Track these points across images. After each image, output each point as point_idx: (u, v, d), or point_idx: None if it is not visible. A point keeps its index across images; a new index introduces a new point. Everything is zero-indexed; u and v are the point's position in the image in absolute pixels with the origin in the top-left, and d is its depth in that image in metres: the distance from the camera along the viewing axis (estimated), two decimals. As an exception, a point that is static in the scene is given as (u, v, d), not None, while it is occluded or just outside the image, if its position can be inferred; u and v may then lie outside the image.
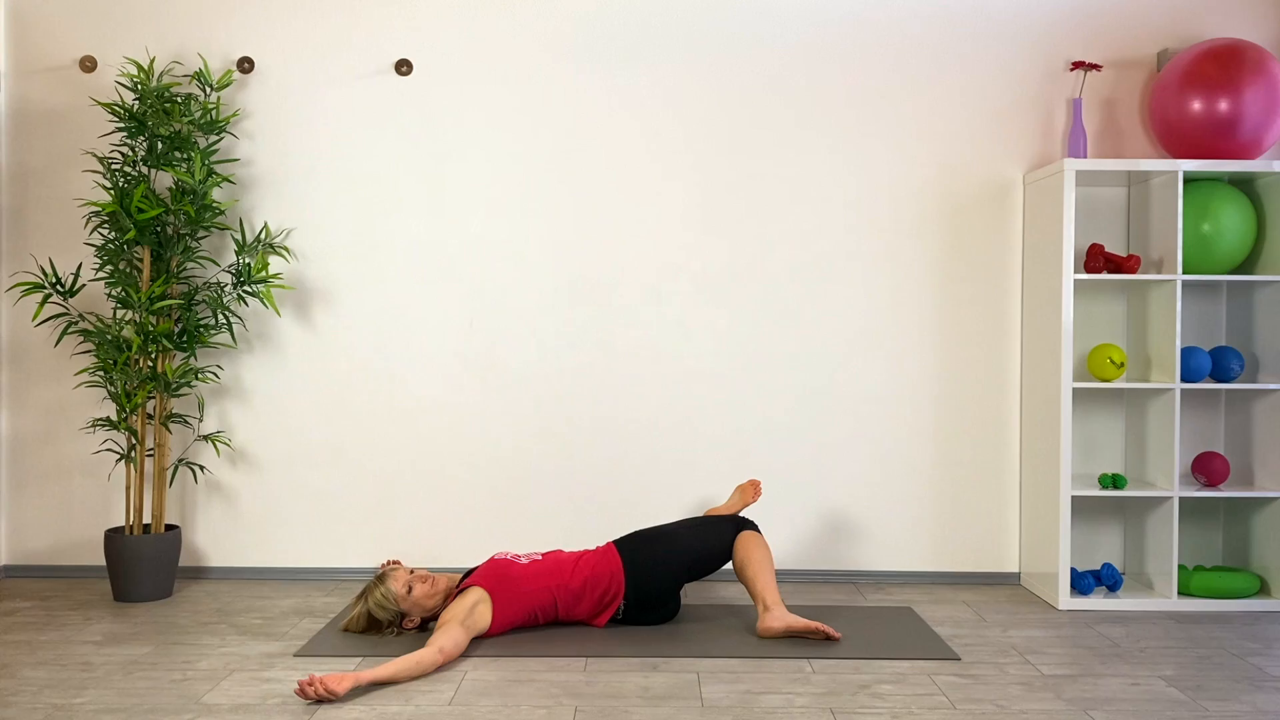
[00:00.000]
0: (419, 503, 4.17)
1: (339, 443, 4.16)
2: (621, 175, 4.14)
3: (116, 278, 3.81)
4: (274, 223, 4.15)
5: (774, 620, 3.35)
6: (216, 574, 4.18)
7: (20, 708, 2.77)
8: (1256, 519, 3.96)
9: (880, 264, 4.14)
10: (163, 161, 3.85)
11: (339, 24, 4.14)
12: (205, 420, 4.16)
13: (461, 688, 2.93)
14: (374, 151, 4.15)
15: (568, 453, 4.16)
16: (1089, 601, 3.80)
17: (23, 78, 4.15)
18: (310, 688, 2.79)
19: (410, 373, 4.16)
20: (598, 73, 4.14)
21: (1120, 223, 4.14)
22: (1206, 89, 3.81)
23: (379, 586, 3.38)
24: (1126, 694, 2.93)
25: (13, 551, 4.18)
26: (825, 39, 4.13)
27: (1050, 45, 4.13)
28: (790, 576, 4.16)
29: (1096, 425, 4.14)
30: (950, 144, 4.14)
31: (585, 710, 2.79)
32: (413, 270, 4.15)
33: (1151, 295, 3.96)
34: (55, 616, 3.63)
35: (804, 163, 4.14)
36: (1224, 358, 3.85)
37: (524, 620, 3.41)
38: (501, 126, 4.14)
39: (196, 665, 3.13)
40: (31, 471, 4.17)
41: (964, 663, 3.19)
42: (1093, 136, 4.15)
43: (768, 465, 4.16)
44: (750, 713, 2.77)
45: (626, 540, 3.55)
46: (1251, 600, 3.81)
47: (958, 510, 4.16)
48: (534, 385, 4.16)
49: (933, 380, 4.15)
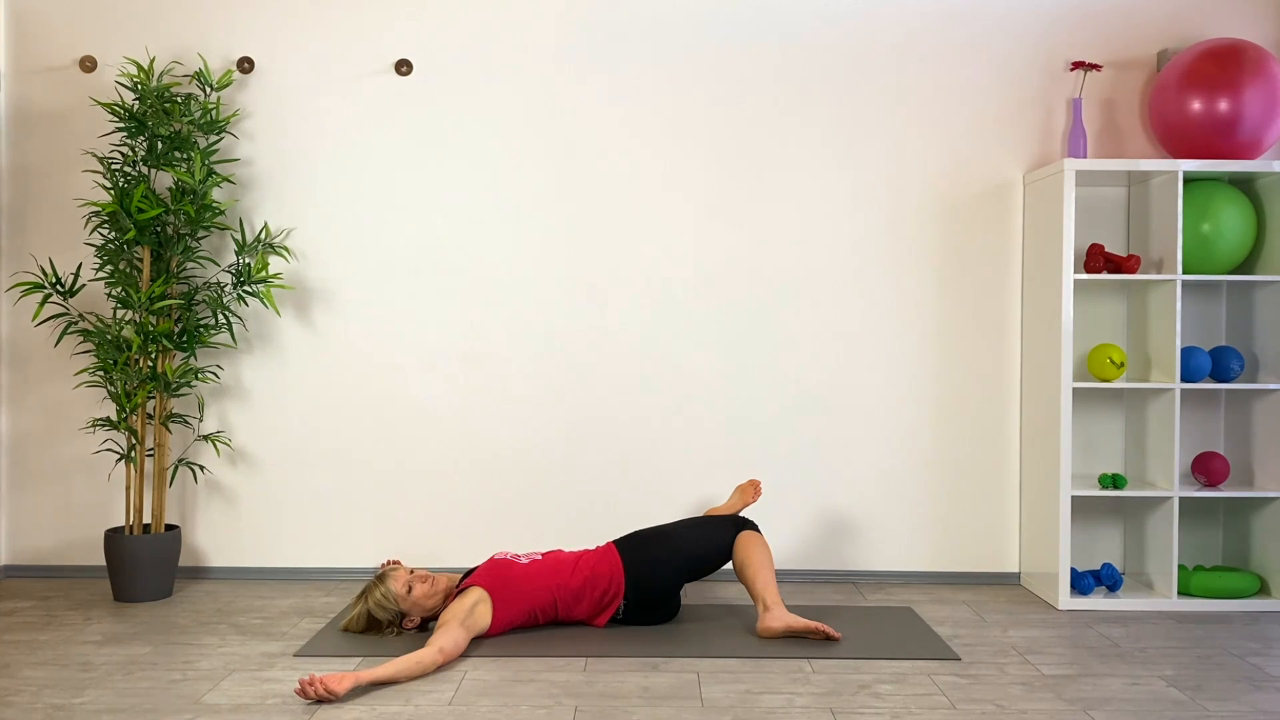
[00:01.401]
0: (419, 503, 4.17)
1: (339, 443, 4.16)
2: (622, 175, 4.14)
3: (116, 278, 3.81)
4: (274, 223, 4.15)
5: (774, 620, 3.35)
6: (216, 574, 4.18)
7: (20, 708, 2.77)
8: (1256, 519, 3.96)
9: (880, 263, 4.14)
10: (163, 161, 3.85)
11: (339, 24, 4.14)
12: (205, 420, 4.16)
13: (461, 688, 2.93)
14: (374, 151, 4.15)
15: (568, 453, 4.16)
16: (1089, 601, 3.80)
17: (23, 78, 4.15)
18: (310, 687, 2.79)
19: (410, 373, 4.16)
20: (598, 73, 4.14)
21: (1120, 223, 4.14)
22: (1206, 89, 3.81)
23: (379, 586, 3.38)
24: (1126, 694, 2.93)
25: (13, 551, 4.18)
26: (825, 39, 4.13)
27: (1050, 45, 4.13)
28: (790, 576, 4.16)
29: (1096, 425, 4.14)
30: (950, 144, 4.14)
31: (585, 710, 2.79)
32: (413, 270, 4.15)
33: (1151, 295, 3.96)
34: (55, 616, 3.63)
35: (804, 163, 4.14)
36: (1224, 358, 3.85)
37: (524, 620, 3.42)
38: (502, 126, 4.14)
39: (196, 665, 3.13)
40: (31, 471, 4.17)
41: (964, 663, 3.19)
42: (1093, 136, 4.15)
43: (768, 465, 4.16)
44: (750, 713, 2.77)
45: (626, 540, 3.55)
46: (1251, 600, 3.81)
47: (958, 510, 4.16)
48: (534, 385, 4.16)
49: (933, 380, 4.15)
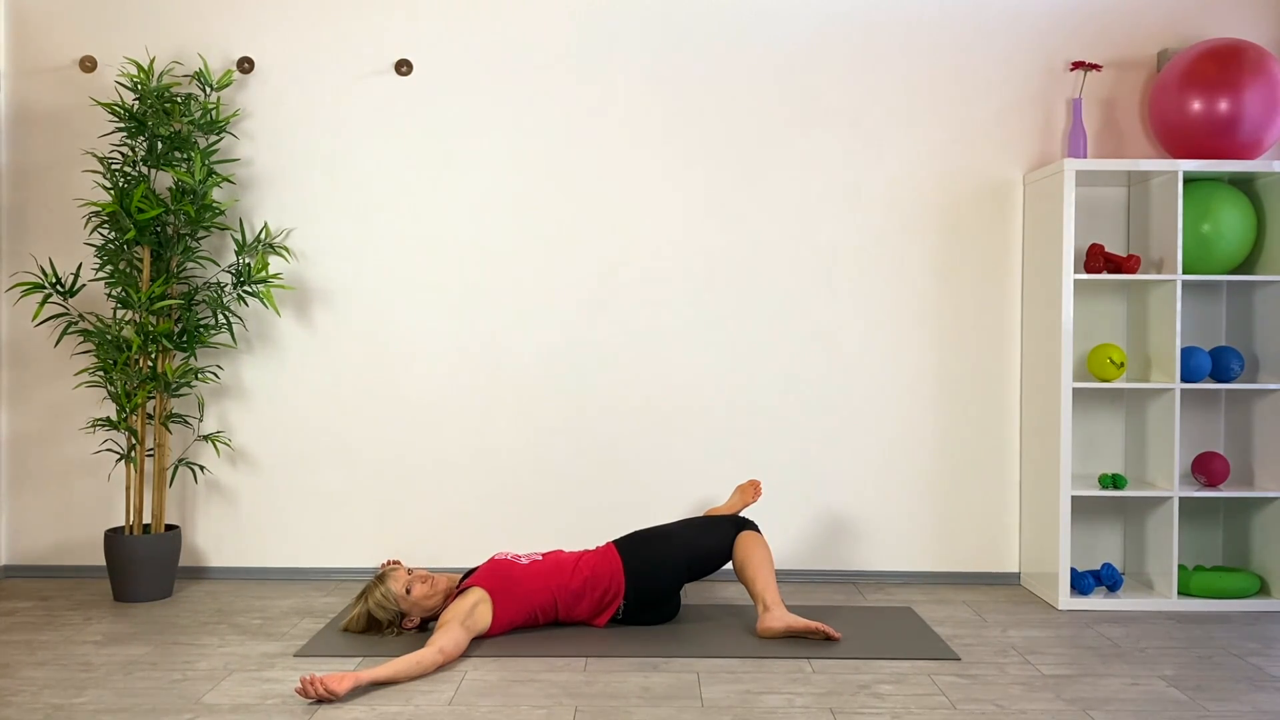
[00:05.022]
0: (419, 503, 4.17)
1: (339, 443, 4.16)
2: (621, 174, 4.14)
3: (116, 278, 3.81)
4: (274, 223, 4.15)
5: (774, 620, 3.35)
6: (216, 574, 4.18)
7: (20, 708, 2.77)
8: (1256, 519, 3.96)
9: (880, 263, 4.14)
10: (163, 161, 3.85)
11: (339, 24, 4.14)
12: (205, 420, 4.16)
13: (461, 688, 2.93)
14: (374, 151, 4.15)
15: (567, 453, 4.16)
16: (1089, 601, 3.80)
17: (23, 78, 4.15)
18: (311, 687, 2.79)
19: (410, 373, 4.16)
20: (599, 72, 4.14)
21: (1120, 223, 4.14)
22: (1206, 89, 3.80)
23: (379, 586, 3.38)
24: (1126, 694, 2.93)
25: (13, 551, 4.18)
26: (826, 39, 4.13)
27: (1050, 45, 4.13)
28: (790, 576, 4.16)
29: (1096, 425, 4.14)
30: (950, 144, 4.14)
31: (585, 710, 2.79)
32: (413, 270, 4.15)
33: (1151, 295, 3.96)
34: (55, 616, 3.63)
35: (804, 162, 4.14)
36: (1224, 358, 3.85)
37: (524, 620, 3.42)
38: (502, 126, 4.14)
39: (196, 665, 3.13)
40: (31, 471, 4.17)
41: (964, 663, 3.19)
42: (1093, 136, 4.15)
43: (768, 465, 4.16)
44: (750, 713, 2.77)
45: (626, 540, 3.55)
46: (1251, 600, 3.81)
47: (958, 510, 4.16)
48: (534, 385, 4.16)
49: (933, 380, 4.15)
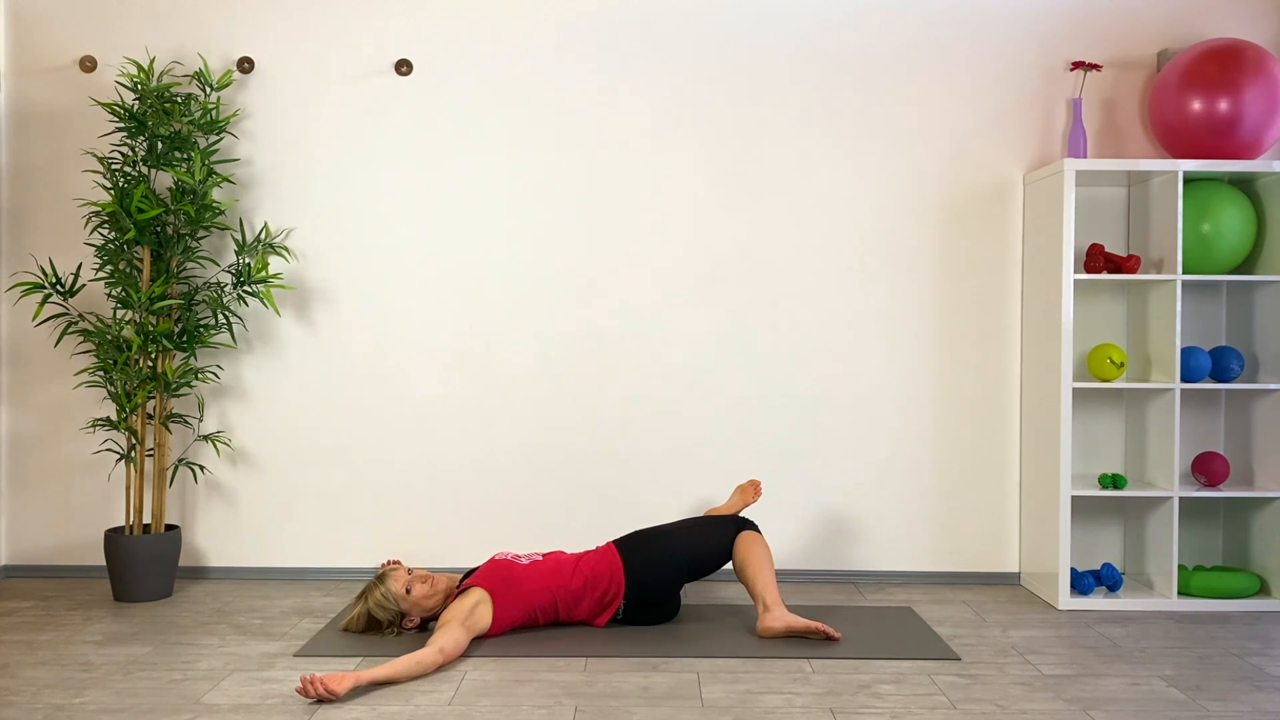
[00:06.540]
0: (419, 503, 4.17)
1: (339, 443, 4.16)
2: (622, 174, 4.14)
3: (116, 278, 3.81)
4: (274, 223, 4.15)
5: (774, 620, 3.35)
6: (216, 574, 4.18)
7: (20, 708, 2.77)
8: (1256, 519, 3.96)
9: (880, 263, 4.14)
10: (163, 161, 3.85)
11: (339, 24, 4.14)
12: (205, 420, 4.16)
13: (461, 688, 2.93)
14: (374, 151, 4.15)
15: (567, 453, 4.16)
16: (1089, 601, 3.80)
17: (23, 78, 4.15)
18: (311, 687, 2.79)
19: (410, 373, 4.16)
20: (599, 73, 4.14)
21: (1120, 223, 4.14)
22: (1206, 89, 3.80)
23: (379, 586, 3.38)
24: (1126, 694, 2.93)
25: (13, 551, 4.18)
26: (826, 39, 4.13)
27: (1050, 45, 4.13)
28: (790, 576, 4.16)
29: (1096, 425, 4.14)
30: (950, 144, 4.14)
31: (585, 710, 2.79)
32: (412, 270, 4.15)
33: (1151, 295, 3.96)
34: (55, 616, 3.63)
35: (804, 163, 4.14)
36: (1224, 358, 3.85)
37: (524, 621, 3.42)
38: (502, 126, 4.14)
39: (196, 665, 3.13)
40: (31, 471, 4.17)
41: (964, 663, 3.19)
42: (1093, 136, 4.15)
43: (768, 465, 4.16)
44: (750, 713, 2.77)
45: (626, 540, 3.55)
46: (1251, 600, 3.81)
47: (958, 510, 4.16)
48: (534, 385, 4.16)
49: (933, 380, 4.15)
